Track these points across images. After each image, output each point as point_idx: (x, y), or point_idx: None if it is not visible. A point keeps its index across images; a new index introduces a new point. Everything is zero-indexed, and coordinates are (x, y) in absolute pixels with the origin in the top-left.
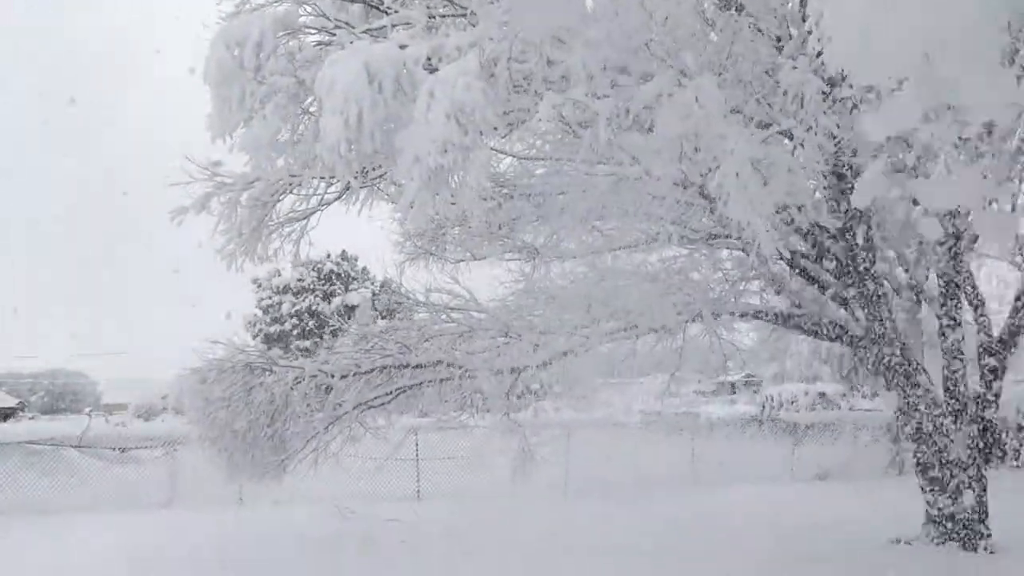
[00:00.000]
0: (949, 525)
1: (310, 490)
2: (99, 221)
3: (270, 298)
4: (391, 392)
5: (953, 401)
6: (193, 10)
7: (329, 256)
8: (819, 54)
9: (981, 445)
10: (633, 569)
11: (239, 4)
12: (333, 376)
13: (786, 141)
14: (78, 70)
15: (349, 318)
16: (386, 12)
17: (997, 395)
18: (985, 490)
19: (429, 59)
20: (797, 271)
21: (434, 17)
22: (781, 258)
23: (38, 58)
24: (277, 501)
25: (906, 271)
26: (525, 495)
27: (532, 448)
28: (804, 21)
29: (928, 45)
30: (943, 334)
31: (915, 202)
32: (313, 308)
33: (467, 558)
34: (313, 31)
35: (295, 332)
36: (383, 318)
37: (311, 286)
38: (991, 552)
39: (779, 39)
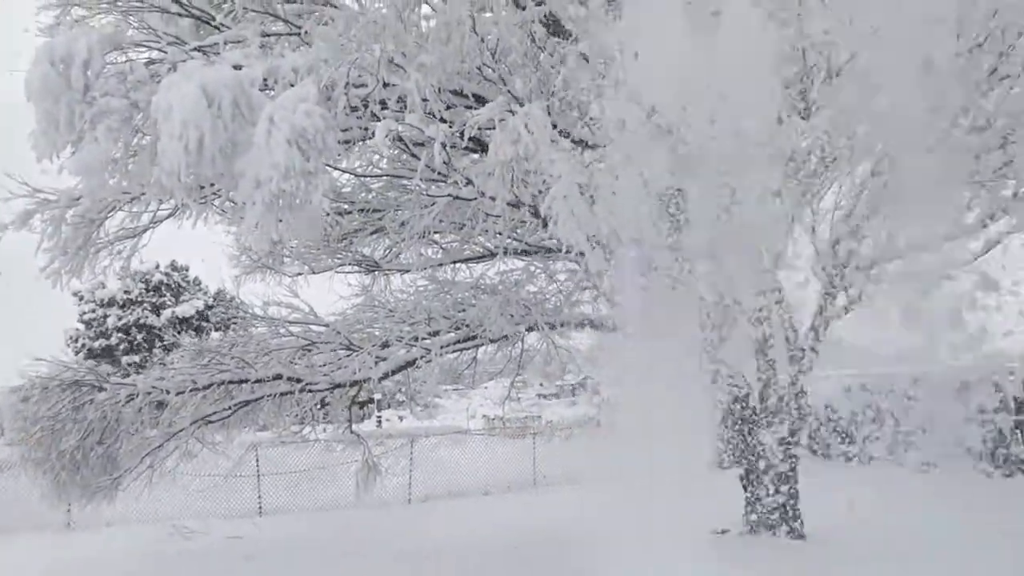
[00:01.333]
0: (765, 515)
1: (145, 511)
2: None
3: (93, 311)
4: (230, 407)
5: (765, 399)
6: None
7: (158, 266)
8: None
9: (791, 440)
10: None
11: (58, 16)
12: (168, 392)
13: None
14: None
15: (181, 331)
16: (218, 28)
17: (804, 392)
18: (797, 482)
19: (265, 80)
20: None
21: (268, 35)
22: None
23: None
24: (110, 523)
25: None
26: (369, 506)
27: (376, 459)
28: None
29: None
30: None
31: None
32: (141, 321)
33: (309, 570)
34: (143, 48)
35: (122, 347)
36: (217, 330)
37: (139, 298)
38: (803, 540)
39: (604, 63)
